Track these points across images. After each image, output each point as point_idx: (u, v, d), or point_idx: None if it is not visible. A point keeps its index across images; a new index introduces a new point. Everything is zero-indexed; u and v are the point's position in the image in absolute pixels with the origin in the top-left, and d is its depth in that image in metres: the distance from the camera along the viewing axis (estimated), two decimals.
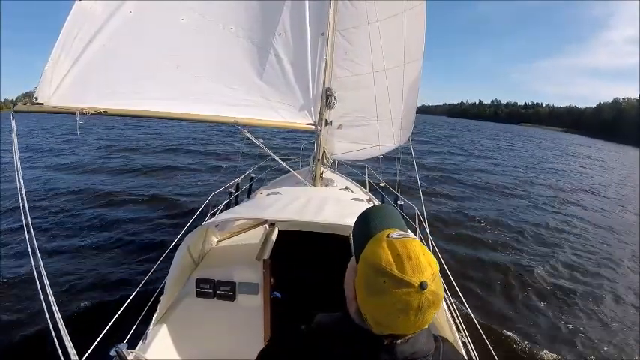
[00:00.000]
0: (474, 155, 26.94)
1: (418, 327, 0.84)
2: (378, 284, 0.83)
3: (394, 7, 5.08)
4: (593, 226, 11.28)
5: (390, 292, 0.81)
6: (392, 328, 0.84)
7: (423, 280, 0.80)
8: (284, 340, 1.01)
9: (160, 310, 2.50)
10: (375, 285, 0.84)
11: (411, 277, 0.80)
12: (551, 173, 22.23)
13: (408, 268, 0.82)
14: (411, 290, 0.79)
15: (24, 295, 5.04)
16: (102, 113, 2.76)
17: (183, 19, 3.02)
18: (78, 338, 1.88)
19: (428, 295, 0.80)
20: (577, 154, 39.52)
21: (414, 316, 0.81)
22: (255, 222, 3.58)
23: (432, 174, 16.63)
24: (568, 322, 5.72)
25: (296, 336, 0.98)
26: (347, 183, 5.73)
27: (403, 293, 0.80)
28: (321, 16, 3.60)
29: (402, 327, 0.83)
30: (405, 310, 0.80)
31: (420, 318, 0.81)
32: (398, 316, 0.81)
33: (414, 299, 0.79)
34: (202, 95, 3.22)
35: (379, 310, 0.83)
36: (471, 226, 9.74)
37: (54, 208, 9.33)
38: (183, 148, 21.42)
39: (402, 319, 0.81)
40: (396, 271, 0.82)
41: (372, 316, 0.85)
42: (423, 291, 0.79)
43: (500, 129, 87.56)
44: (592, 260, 8.46)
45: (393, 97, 5.26)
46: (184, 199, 10.28)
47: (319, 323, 0.96)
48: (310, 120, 3.80)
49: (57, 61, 2.58)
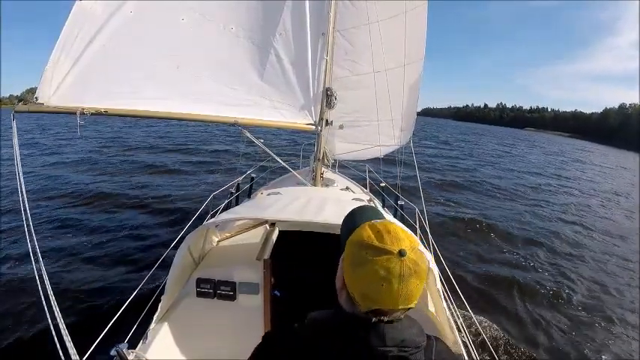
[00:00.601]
0: (485, 161, 26.30)
1: (404, 300, 0.86)
2: (361, 257, 0.88)
3: (395, 7, 5.08)
4: (603, 232, 11.20)
5: (371, 260, 0.86)
6: (377, 301, 0.87)
7: (402, 248, 0.86)
8: (277, 337, 1.03)
9: (161, 310, 2.50)
10: (358, 258, 0.89)
11: (390, 246, 0.87)
12: (560, 179, 21.82)
13: (387, 240, 0.88)
14: (391, 257, 0.85)
15: (24, 295, 5.04)
16: (102, 113, 2.76)
17: (184, 19, 3.02)
18: (78, 338, 1.88)
19: (408, 263, 0.85)
20: (584, 160, 39.15)
21: (397, 284, 0.84)
22: (256, 222, 3.58)
23: (439, 177, 16.58)
24: (569, 323, 5.72)
25: (289, 333, 1.00)
26: (347, 183, 5.72)
27: (384, 260, 0.85)
28: (321, 15, 3.59)
29: (386, 297, 0.85)
30: (387, 277, 0.84)
31: (403, 287, 0.84)
32: (381, 284, 0.84)
33: (395, 265, 0.84)
34: (202, 95, 3.22)
35: (363, 280, 0.87)
36: (474, 228, 9.73)
37: (54, 208, 9.33)
38: (183, 148, 21.42)
39: (385, 288, 0.84)
40: (376, 242, 0.88)
41: (358, 290, 0.89)
42: (403, 258, 0.85)
43: (507, 133, 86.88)
44: (595, 262, 8.46)
45: (394, 98, 5.25)
46: (185, 199, 10.28)
47: (311, 319, 0.98)
48: (311, 120, 3.79)
49: (57, 61, 2.58)
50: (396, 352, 0.87)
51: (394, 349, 0.87)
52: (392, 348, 0.87)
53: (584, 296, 6.61)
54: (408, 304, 0.88)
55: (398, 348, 0.87)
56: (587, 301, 6.44)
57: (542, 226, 10.71)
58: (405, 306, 0.87)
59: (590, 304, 6.38)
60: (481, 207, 12.21)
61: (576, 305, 6.26)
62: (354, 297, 0.90)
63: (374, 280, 0.85)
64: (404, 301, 0.86)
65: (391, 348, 0.87)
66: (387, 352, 0.87)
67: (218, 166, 15.36)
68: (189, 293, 2.73)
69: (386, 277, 0.84)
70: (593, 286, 7.12)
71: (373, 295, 0.86)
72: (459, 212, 11.01)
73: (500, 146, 43.17)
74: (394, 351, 0.87)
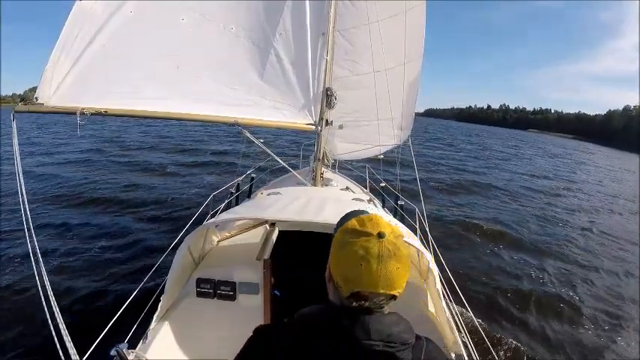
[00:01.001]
0: (491, 165, 25.59)
1: (384, 282, 0.88)
2: (343, 240, 0.93)
3: (395, 6, 5.08)
4: (609, 236, 11.10)
5: (351, 242, 0.90)
6: (357, 282, 0.88)
7: (381, 231, 0.90)
8: (267, 331, 1.04)
9: (161, 310, 2.50)
10: (341, 242, 0.94)
11: (370, 229, 0.91)
12: (567, 182, 21.37)
13: (368, 224, 0.93)
14: (370, 238, 0.89)
15: (24, 294, 5.04)
16: (102, 113, 2.76)
17: (184, 19, 3.02)
18: (78, 338, 1.88)
19: (387, 245, 0.88)
20: (590, 162, 38.82)
21: (375, 264, 0.87)
22: (256, 222, 3.58)
23: (443, 179, 16.50)
24: (570, 324, 5.72)
25: (278, 327, 1.02)
26: (347, 183, 5.73)
27: (363, 241, 0.89)
28: (321, 15, 3.59)
29: (365, 277, 0.87)
30: (365, 257, 0.87)
31: (381, 267, 0.87)
32: (360, 264, 0.87)
33: (374, 245, 0.88)
34: (202, 95, 3.22)
35: (344, 262, 0.91)
36: (477, 229, 9.68)
37: (54, 208, 9.33)
38: (183, 148, 21.41)
39: (364, 267, 0.87)
40: (357, 227, 0.93)
41: (340, 273, 0.92)
42: (381, 239, 0.88)
43: (511, 135, 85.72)
44: (601, 265, 8.41)
45: (394, 97, 5.26)
46: (185, 200, 10.30)
47: (299, 313, 0.99)
48: (311, 120, 3.79)
49: (57, 61, 2.58)
50: (381, 346, 0.87)
51: (379, 344, 0.87)
52: (377, 342, 0.87)
53: (587, 298, 6.59)
54: (390, 289, 0.89)
55: (384, 342, 0.87)
56: (589, 303, 6.42)
57: (548, 230, 10.61)
58: (386, 290, 0.89)
59: (592, 305, 6.35)
60: (485, 209, 12.19)
61: (577, 307, 6.24)
62: (337, 282, 0.93)
63: (353, 259, 0.88)
64: (384, 284, 0.88)
65: (376, 342, 0.87)
66: (371, 346, 0.87)
67: (218, 167, 15.39)
68: (189, 293, 2.73)
69: (364, 257, 0.87)
70: (596, 288, 7.09)
71: (353, 275, 0.88)
72: (462, 214, 11.00)
73: (505, 148, 42.59)
74: (379, 345, 0.87)
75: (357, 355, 0.87)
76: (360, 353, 0.87)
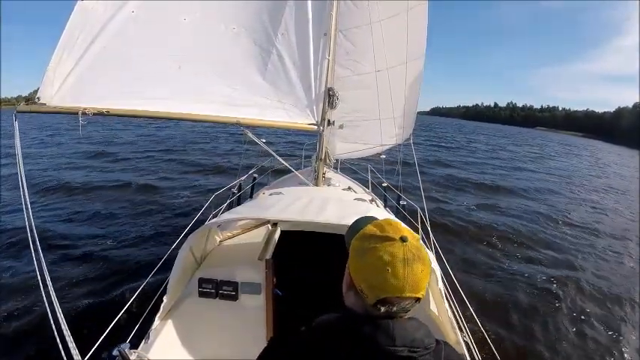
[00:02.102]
0: (511, 166, 24.46)
1: (410, 286, 0.87)
2: (365, 247, 0.92)
3: (396, 6, 5.08)
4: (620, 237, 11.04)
5: (375, 248, 0.89)
6: (385, 288, 0.87)
7: (403, 235, 0.90)
8: (284, 341, 1.03)
9: (163, 310, 2.50)
10: (362, 249, 0.92)
11: (391, 234, 0.91)
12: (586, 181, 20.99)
13: (389, 229, 0.93)
14: (394, 242, 0.89)
15: (26, 294, 5.05)
16: (104, 113, 2.76)
17: (185, 19, 3.03)
18: (80, 338, 1.88)
19: (411, 248, 0.88)
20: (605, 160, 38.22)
21: (402, 268, 0.86)
22: (258, 222, 3.58)
23: (452, 180, 16.30)
24: (573, 326, 5.69)
25: (295, 336, 1.00)
26: (349, 183, 5.73)
27: (387, 245, 0.88)
28: (323, 15, 3.59)
29: (393, 282, 0.86)
30: (391, 262, 0.86)
31: (408, 271, 0.86)
32: (387, 269, 0.86)
33: (398, 250, 0.87)
34: (204, 95, 3.22)
35: (369, 268, 0.89)
36: (480, 232, 9.65)
37: (56, 207, 9.35)
38: (185, 147, 21.45)
39: (391, 273, 0.86)
40: (378, 232, 0.93)
41: (365, 280, 0.90)
42: (405, 243, 0.88)
43: (520, 133, 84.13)
44: (612, 269, 8.28)
45: (395, 96, 5.26)
46: (187, 199, 10.31)
47: (318, 322, 0.98)
48: (312, 120, 3.79)
49: (59, 61, 2.58)
50: (406, 352, 0.87)
51: (404, 349, 0.87)
52: (402, 348, 0.86)
53: (593, 300, 6.55)
54: (416, 293, 0.88)
55: (408, 348, 0.87)
56: (595, 305, 6.38)
57: (554, 232, 10.59)
58: (412, 294, 0.87)
59: (598, 308, 6.31)
60: (487, 208, 12.17)
61: (582, 308, 6.21)
62: (362, 290, 0.91)
63: (379, 265, 0.87)
64: (411, 288, 0.87)
65: (401, 348, 0.86)
66: (397, 352, 0.86)
67: (220, 167, 15.39)
68: (191, 293, 2.73)
69: (390, 262, 0.86)
70: (603, 292, 7.03)
71: (380, 282, 0.87)
72: (464, 214, 10.99)
73: (516, 147, 41.79)
74: (404, 351, 0.87)
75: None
76: (383, 359, 0.86)
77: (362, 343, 0.87)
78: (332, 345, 0.90)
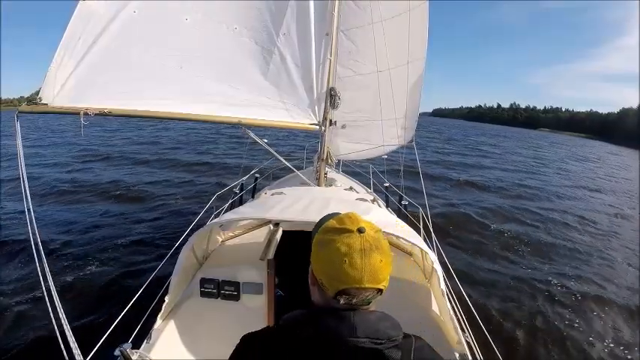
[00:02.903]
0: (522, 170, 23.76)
1: (369, 277, 0.87)
2: (324, 240, 0.94)
3: (398, 6, 5.07)
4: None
5: (333, 240, 0.91)
6: (343, 279, 0.88)
7: (360, 226, 0.91)
8: (252, 337, 1.05)
9: (165, 310, 2.50)
10: (321, 242, 0.95)
11: (349, 225, 0.92)
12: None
13: (347, 221, 0.94)
14: (351, 234, 0.90)
15: (28, 294, 5.06)
16: (106, 114, 2.76)
17: (187, 19, 3.02)
18: (82, 338, 1.88)
19: (368, 239, 0.89)
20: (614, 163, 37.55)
21: (359, 259, 0.87)
22: (260, 222, 3.58)
23: (461, 184, 16.00)
24: (575, 327, 5.66)
25: (264, 332, 1.04)
26: (351, 183, 5.72)
27: (344, 237, 0.90)
28: (324, 15, 3.59)
29: (350, 273, 0.87)
30: (348, 252, 0.88)
31: (365, 262, 0.87)
32: (344, 260, 0.87)
33: (355, 241, 0.89)
34: (206, 95, 3.22)
35: (327, 261, 0.91)
36: (482, 232, 9.65)
37: (57, 207, 9.40)
38: (186, 147, 21.48)
39: (348, 263, 0.87)
40: (336, 225, 0.95)
41: (324, 273, 0.92)
42: (362, 234, 0.90)
43: (526, 135, 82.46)
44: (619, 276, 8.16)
45: (397, 97, 5.25)
46: (188, 199, 10.32)
47: (284, 318, 1.00)
48: (314, 120, 3.79)
49: (61, 61, 2.58)
50: (368, 343, 0.87)
51: (366, 340, 0.87)
52: (364, 339, 0.87)
53: (596, 301, 6.51)
54: (375, 283, 0.89)
55: (370, 339, 0.87)
56: (600, 307, 6.35)
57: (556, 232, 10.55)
58: (371, 284, 0.88)
59: (600, 310, 6.29)
60: (490, 208, 12.14)
61: (585, 311, 6.18)
62: (323, 283, 0.92)
63: (337, 257, 0.88)
64: (370, 279, 0.88)
65: (363, 339, 0.87)
66: (358, 343, 0.86)
67: (221, 166, 15.40)
68: (193, 293, 2.73)
69: (347, 253, 0.88)
70: (608, 294, 7.00)
71: (338, 273, 0.88)
72: (466, 213, 10.97)
73: (526, 150, 41.05)
74: (366, 342, 0.87)
75: (344, 353, 0.87)
76: (347, 351, 0.87)
77: (324, 334, 0.89)
78: (296, 338, 0.92)
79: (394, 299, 2.73)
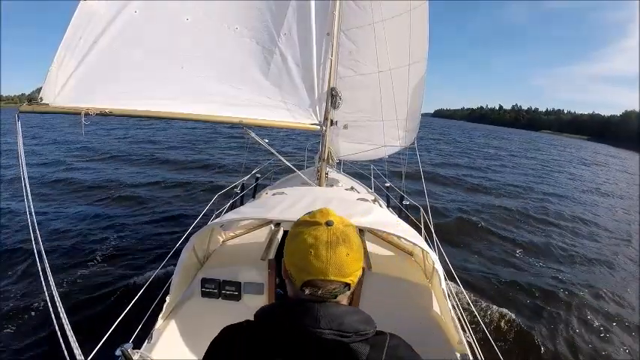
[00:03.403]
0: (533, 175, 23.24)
1: (334, 269, 0.88)
2: (295, 232, 0.96)
3: (399, 6, 5.08)
4: None
5: (301, 232, 0.93)
6: (308, 270, 0.89)
7: (329, 219, 0.93)
8: (223, 333, 1.08)
9: (166, 310, 2.50)
10: (292, 234, 0.97)
11: (319, 219, 0.94)
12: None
13: (318, 215, 0.96)
14: (319, 227, 0.92)
15: (29, 294, 5.07)
16: (107, 114, 2.76)
17: (188, 19, 3.02)
18: (83, 338, 1.88)
19: (335, 232, 0.90)
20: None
21: (324, 250, 0.88)
22: (261, 222, 3.58)
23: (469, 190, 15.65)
24: (576, 328, 5.66)
25: (239, 326, 1.05)
26: (352, 183, 5.72)
27: (312, 229, 0.92)
28: (326, 16, 3.59)
29: (315, 264, 0.88)
30: (314, 244, 0.89)
31: (331, 254, 0.88)
32: (310, 252, 0.89)
33: (322, 233, 0.90)
34: (207, 95, 3.22)
35: (295, 252, 0.93)
36: (483, 230, 9.68)
37: (58, 206, 9.40)
38: (187, 147, 21.48)
39: (314, 255, 0.88)
40: (307, 218, 0.97)
41: (292, 263, 0.93)
42: (330, 227, 0.91)
43: (530, 138, 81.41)
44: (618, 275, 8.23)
45: (398, 98, 5.25)
46: (189, 199, 10.33)
47: (258, 311, 1.00)
48: (315, 120, 3.79)
49: (62, 61, 2.58)
50: (332, 335, 0.86)
51: (329, 332, 0.86)
52: (327, 330, 0.86)
53: (597, 302, 6.51)
54: (342, 277, 0.89)
55: (333, 331, 0.86)
56: (599, 310, 6.35)
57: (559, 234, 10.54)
58: (337, 277, 0.89)
59: (601, 311, 6.28)
60: (492, 208, 12.14)
61: (586, 311, 6.17)
62: (291, 274, 0.94)
63: (303, 248, 0.90)
64: (335, 271, 0.88)
65: (326, 330, 0.86)
66: (322, 334, 0.86)
67: (222, 166, 15.40)
68: (194, 293, 2.73)
69: (313, 244, 0.89)
70: (604, 292, 6.99)
71: (304, 264, 0.89)
72: (467, 213, 10.95)
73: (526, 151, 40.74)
74: (329, 334, 0.86)
75: (309, 344, 0.87)
76: (312, 342, 0.87)
77: (289, 325, 0.89)
78: (267, 329, 0.93)
79: (395, 299, 2.73)
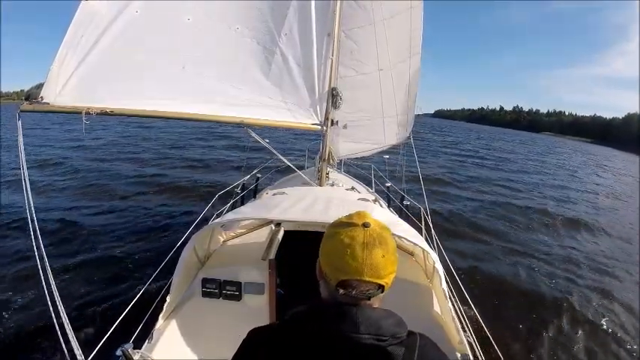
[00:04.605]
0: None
1: (369, 270, 0.89)
2: (331, 233, 0.98)
3: (398, 5, 5.10)
4: None
5: (338, 232, 0.95)
6: (344, 269, 0.90)
7: (366, 221, 0.95)
8: (258, 331, 1.06)
9: (166, 310, 2.50)
10: (329, 235, 0.98)
11: (355, 220, 0.96)
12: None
13: (355, 217, 0.98)
14: (356, 228, 0.93)
15: (29, 294, 5.06)
16: (108, 113, 2.76)
17: (189, 18, 3.02)
18: (84, 338, 1.89)
19: (372, 233, 0.91)
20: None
21: (360, 251, 0.89)
22: (261, 222, 3.58)
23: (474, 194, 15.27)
24: (577, 329, 5.65)
25: (269, 327, 1.07)
26: (353, 183, 5.72)
27: (349, 230, 0.94)
28: (326, 15, 3.58)
29: (351, 264, 0.89)
30: (351, 244, 0.90)
31: (367, 255, 0.89)
32: (346, 251, 0.90)
33: (359, 234, 0.92)
34: (208, 95, 3.21)
35: (331, 252, 0.94)
36: (485, 233, 9.63)
37: (59, 206, 9.39)
38: (187, 147, 21.49)
39: (350, 255, 0.89)
40: (344, 220, 0.99)
41: (327, 263, 0.95)
42: (367, 229, 0.93)
43: (533, 139, 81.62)
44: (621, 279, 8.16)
45: (397, 93, 5.32)
46: (190, 199, 10.32)
47: (290, 312, 1.00)
48: (316, 120, 3.79)
49: (63, 60, 2.58)
50: (370, 340, 0.87)
51: (369, 337, 0.87)
52: (366, 335, 0.87)
53: (597, 304, 6.51)
54: (376, 278, 0.90)
55: (372, 336, 0.87)
56: (598, 309, 6.35)
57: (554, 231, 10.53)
58: (372, 279, 0.89)
59: (602, 312, 6.28)
60: (492, 208, 12.13)
61: (586, 312, 6.16)
62: (326, 274, 0.95)
63: (340, 248, 0.91)
64: (370, 272, 0.89)
65: (366, 335, 0.87)
66: (361, 339, 0.86)
67: (223, 166, 15.40)
68: (194, 293, 2.73)
69: (350, 244, 0.90)
70: (608, 293, 6.98)
71: (340, 263, 0.90)
72: (467, 213, 10.95)
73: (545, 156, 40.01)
74: (368, 339, 0.87)
75: (345, 349, 0.87)
76: (349, 347, 0.87)
77: (326, 330, 0.89)
78: (300, 333, 0.93)
79: (396, 299, 2.72)
